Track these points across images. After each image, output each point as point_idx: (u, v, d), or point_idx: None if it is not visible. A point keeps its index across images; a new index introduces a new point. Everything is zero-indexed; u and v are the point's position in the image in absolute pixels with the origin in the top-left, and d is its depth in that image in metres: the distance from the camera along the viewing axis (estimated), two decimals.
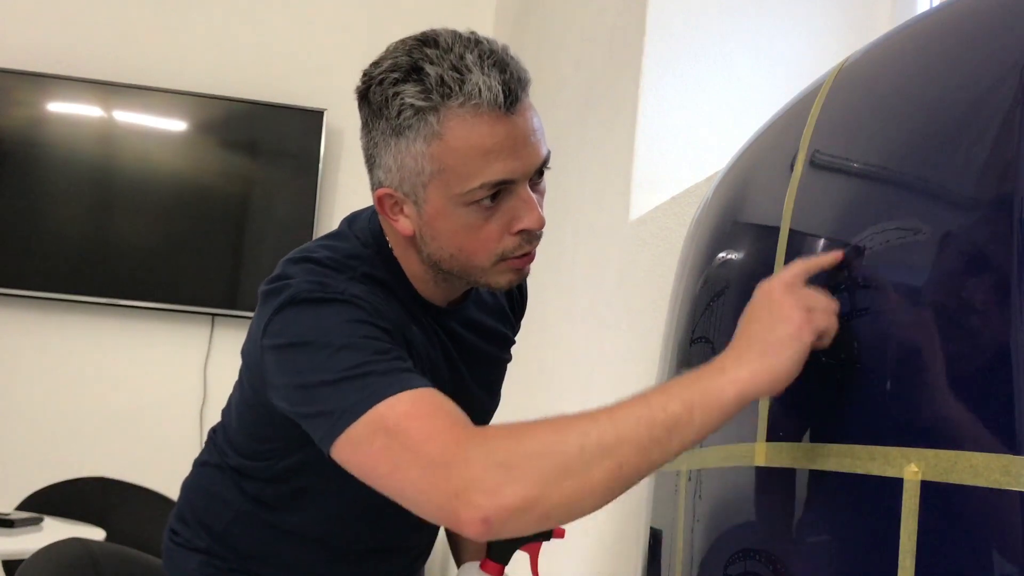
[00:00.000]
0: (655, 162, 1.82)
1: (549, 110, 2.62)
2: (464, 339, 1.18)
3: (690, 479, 1.03)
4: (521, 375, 2.54)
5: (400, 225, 1.05)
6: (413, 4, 3.52)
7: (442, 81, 0.96)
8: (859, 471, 0.68)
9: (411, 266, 1.10)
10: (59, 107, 3.36)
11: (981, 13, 0.69)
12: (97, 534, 2.49)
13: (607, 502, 0.87)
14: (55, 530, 2.44)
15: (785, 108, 1.00)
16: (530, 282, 1.35)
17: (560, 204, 2.35)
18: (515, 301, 1.32)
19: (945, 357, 0.63)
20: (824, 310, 0.80)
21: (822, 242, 0.81)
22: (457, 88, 0.96)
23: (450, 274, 1.07)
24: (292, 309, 1.00)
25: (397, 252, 1.10)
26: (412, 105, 0.97)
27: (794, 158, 0.88)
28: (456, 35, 1.01)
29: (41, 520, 2.52)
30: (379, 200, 1.05)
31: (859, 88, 0.84)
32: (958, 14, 0.72)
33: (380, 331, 0.99)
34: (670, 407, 0.81)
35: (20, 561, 1.40)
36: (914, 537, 0.61)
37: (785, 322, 0.79)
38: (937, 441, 0.61)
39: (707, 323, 1.05)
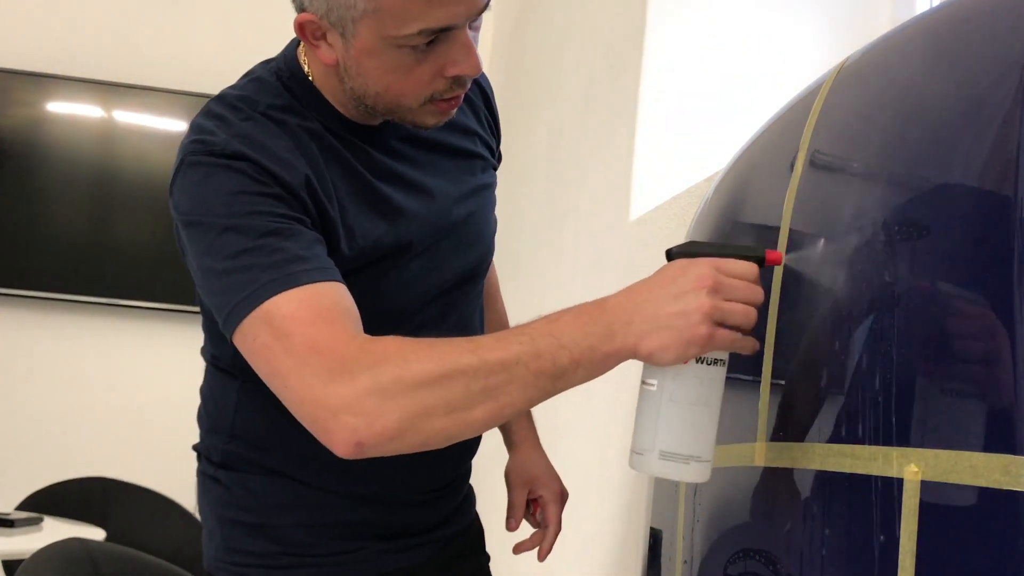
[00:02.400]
0: (655, 162, 1.82)
1: (549, 111, 2.62)
2: (408, 155, 1.09)
3: None
4: None
5: (322, 53, 0.97)
6: None
7: None
8: (859, 471, 0.68)
9: (332, 91, 1.03)
10: (59, 107, 3.36)
11: (981, 13, 0.69)
12: (97, 534, 2.50)
13: (484, 432, 0.90)
14: (55, 530, 2.44)
15: (785, 108, 1.00)
16: (529, 280, 1.35)
17: (560, 204, 2.35)
18: (483, 117, 1.20)
19: (945, 357, 0.63)
20: (737, 311, 0.81)
21: (822, 242, 0.81)
22: None
23: (373, 109, 1.01)
24: (181, 176, 0.97)
25: (316, 75, 1.03)
26: None
27: (794, 158, 0.88)
28: None
29: (41, 520, 2.52)
30: (300, 26, 0.96)
31: (859, 88, 0.84)
32: (958, 14, 0.72)
33: (267, 197, 0.93)
34: (559, 360, 0.83)
35: (20, 561, 1.40)
36: (914, 537, 0.61)
37: (688, 300, 0.81)
38: (937, 441, 0.61)
39: None
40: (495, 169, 1.23)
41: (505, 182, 1.37)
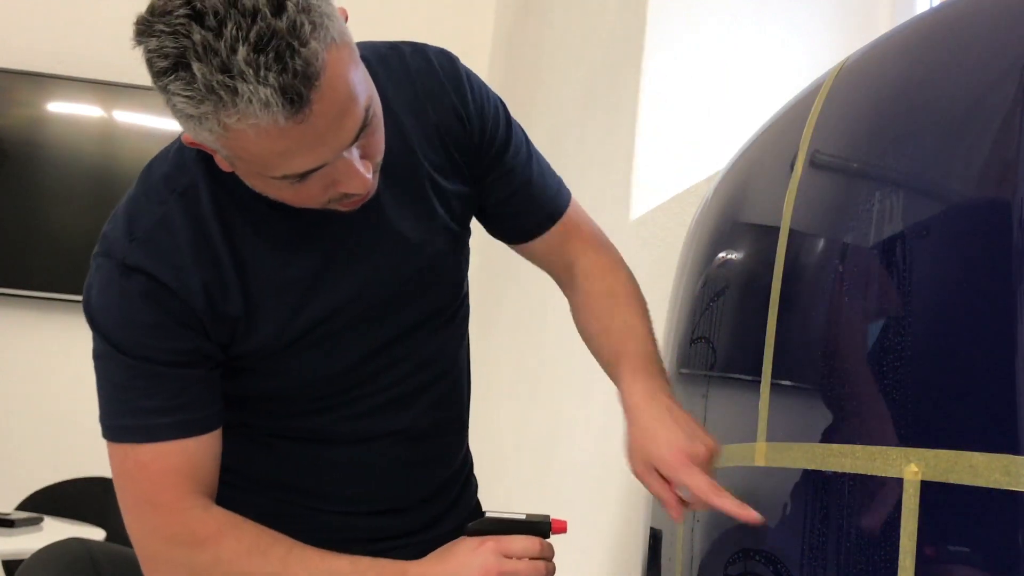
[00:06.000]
0: (655, 162, 1.82)
1: (549, 110, 2.62)
2: (351, 213, 1.00)
3: None
4: (521, 375, 2.54)
5: (218, 160, 0.93)
6: (414, 2, 3.52)
7: (211, 89, 0.80)
8: (859, 471, 0.68)
9: None
10: (59, 107, 3.36)
11: (981, 13, 0.69)
12: (97, 534, 2.49)
13: None
14: (55, 530, 2.44)
15: (785, 108, 1.00)
16: (529, 279, 1.35)
17: None
18: (455, 134, 1.09)
19: (945, 357, 0.63)
20: None
21: (822, 242, 0.81)
22: (229, 100, 0.80)
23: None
24: (92, 267, 1.00)
25: None
26: (183, 110, 0.84)
27: (794, 158, 0.88)
28: (229, 2, 0.80)
29: (41, 520, 2.52)
30: (188, 142, 0.92)
31: (859, 88, 0.84)
32: (958, 14, 0.72)
33: (156, 330, 0.96)
34: None
35: (20, 561, 1.40)
36: (914, 537, 0.61)
37: None
38: (937, 441, 0.61)
39: (707, 323, 1.05)
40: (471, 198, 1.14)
41: None
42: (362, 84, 0.88)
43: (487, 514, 1.02)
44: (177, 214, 0.98)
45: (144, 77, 0.87)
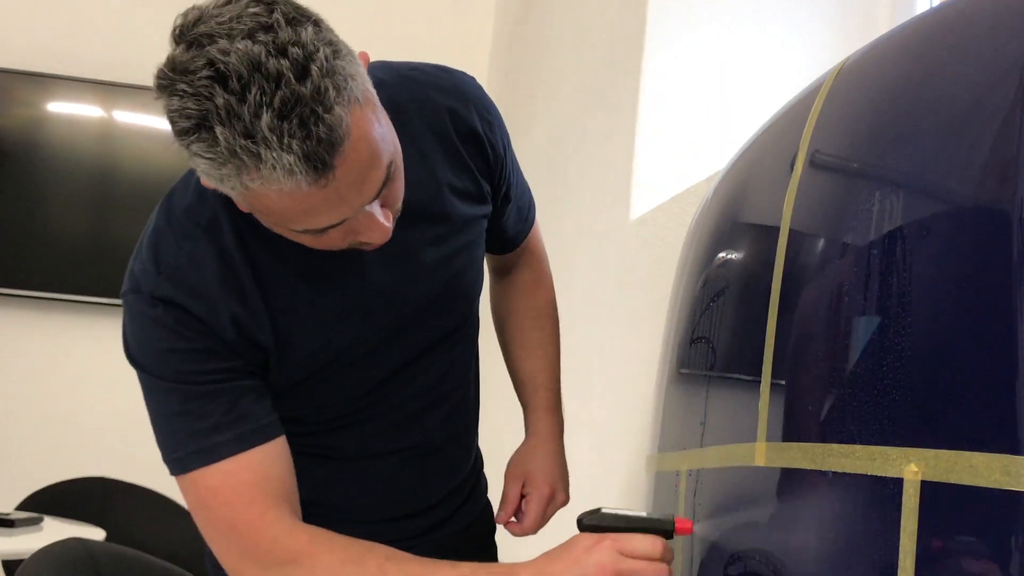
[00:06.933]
0: (655, 162, 1.82)
1: (549, 110, 2.62)
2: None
3: (689, 479, 1.03)
4: None
5: (237, 203, 0.91)
6: (414, 3, 3.52)
7: (234, 152, 0.79)
8: (859, 471, 0.68)
9: None
10: (59, 107, 3.36)
11: (981, 13, 0.69)
12: (97, 534, 2.50)
13: None
14: (55, 530, 2.44)
15: (785, 108, 1.00)
16: None
17: (560, 204, 2.35)
18: (478, 162, 1.11)
19: (945, 357, 0.63)
20: None
21: (822, 242, 0.81)
22: (252, 165, 0.79)
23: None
24: (124, 306, 1.00)
25: None
26: (206, 171, 0.83)
27: (794, 158, 0.88)
28: (253, 66, 0.78)
29: (41, 520, 2.52)
30: (208, 186, 0.89)
31: (859, 88, 0.84)
32: (958, 14, 0.72)
33: (193, 354, 0.95)
34: None
35: (20, 561, 1.40)
36: (914, 537, 0.61)
37: None
38: (937, 441, 0.61)
39: (707, 323, 1.05)
40: (490, 207, 1.15)
41: None
42: (386, 140, 0.87)
43: (603, 510, 0.95)
44: (203, 248, 0.97)
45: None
